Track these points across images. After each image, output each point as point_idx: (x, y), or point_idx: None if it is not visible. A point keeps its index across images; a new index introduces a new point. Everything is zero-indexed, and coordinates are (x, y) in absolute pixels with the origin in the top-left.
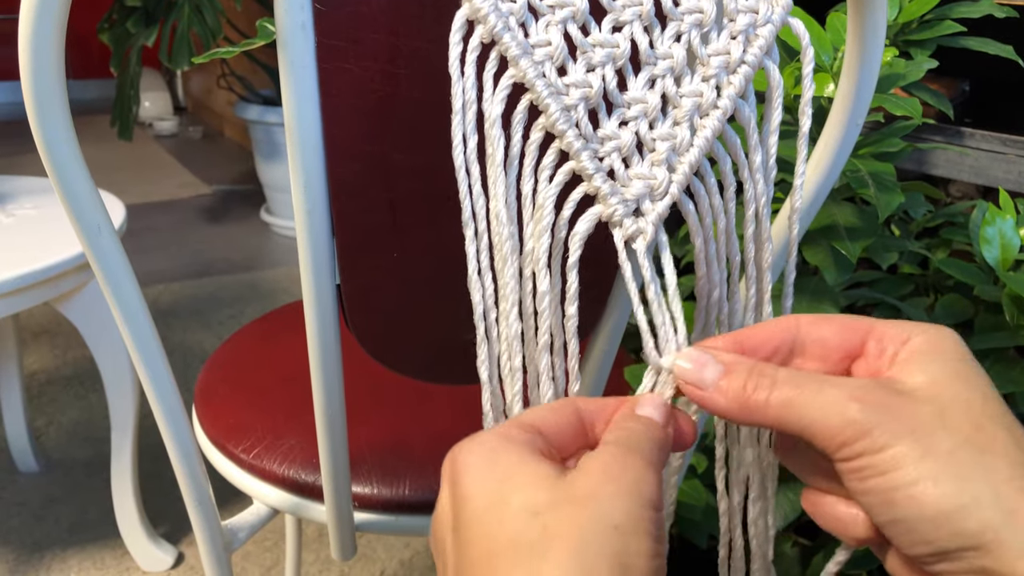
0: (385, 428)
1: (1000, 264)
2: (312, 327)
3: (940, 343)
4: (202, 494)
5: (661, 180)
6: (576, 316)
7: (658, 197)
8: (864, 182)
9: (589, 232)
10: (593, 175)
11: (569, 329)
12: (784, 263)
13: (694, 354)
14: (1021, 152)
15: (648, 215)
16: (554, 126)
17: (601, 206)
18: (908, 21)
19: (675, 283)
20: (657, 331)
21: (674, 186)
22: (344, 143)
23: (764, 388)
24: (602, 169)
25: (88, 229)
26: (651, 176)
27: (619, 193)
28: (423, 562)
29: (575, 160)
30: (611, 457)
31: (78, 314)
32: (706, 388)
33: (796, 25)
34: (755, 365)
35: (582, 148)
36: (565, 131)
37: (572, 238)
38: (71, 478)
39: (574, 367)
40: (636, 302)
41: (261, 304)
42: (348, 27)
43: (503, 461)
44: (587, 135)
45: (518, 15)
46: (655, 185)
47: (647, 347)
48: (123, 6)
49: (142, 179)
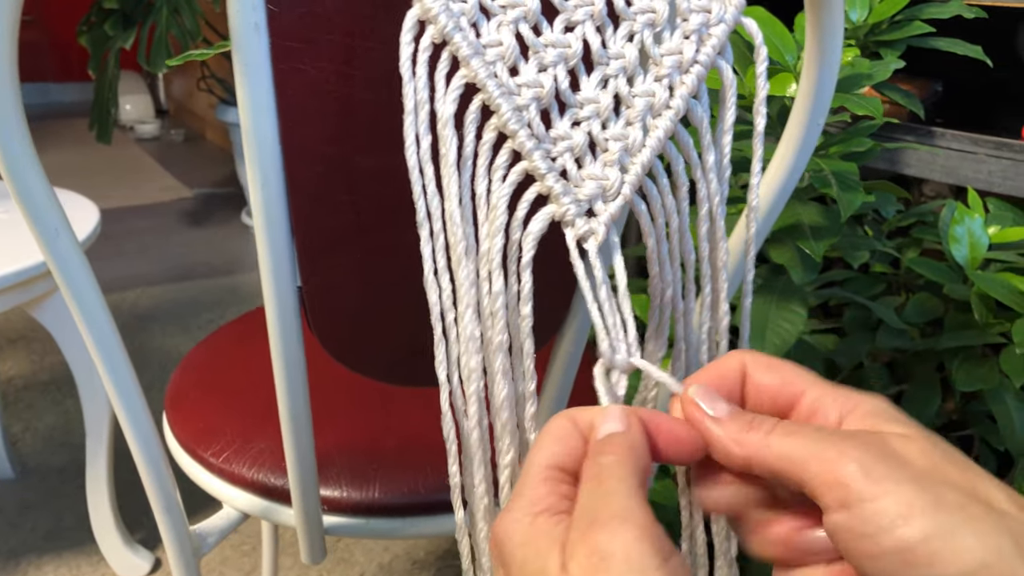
0: (355, 430)
1: (969, 263)
2: (274, 330)
3: (885, 413)
4: (169, 499)
5: (613, 181)
6: (531, 316)
7: (610, 198)
8: (828, 181)
9: (542, 232)
10: (546, 175)
11: (524, 329)
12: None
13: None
14: (991, 151)
15: (600, 216)
16: (506, 126)
17: (554, 206)
18: (878, 22)
19: (625, 283)
20: (608, 331)
21: (626, 187)
22: (301, 144)
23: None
24: (555, 169)
25: (45, 232)
26: (603, 177)
27: (572, 193)
28: (402, 566)
29: (528, 160)
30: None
31: (51, 319)
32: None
33: (749, 25)
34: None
35: (534, 148)
36: (517, 131)
37: (525, 238)
38: (47, 484)
39: (529, 367)
40: (590, 302)
41: (241, 308)
42: (302, 28)
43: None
44: (539, 135)
45: (469, 15)
46: (607, 186)
47: (601, 346)
48: (101, 8)
49: (123, 183)
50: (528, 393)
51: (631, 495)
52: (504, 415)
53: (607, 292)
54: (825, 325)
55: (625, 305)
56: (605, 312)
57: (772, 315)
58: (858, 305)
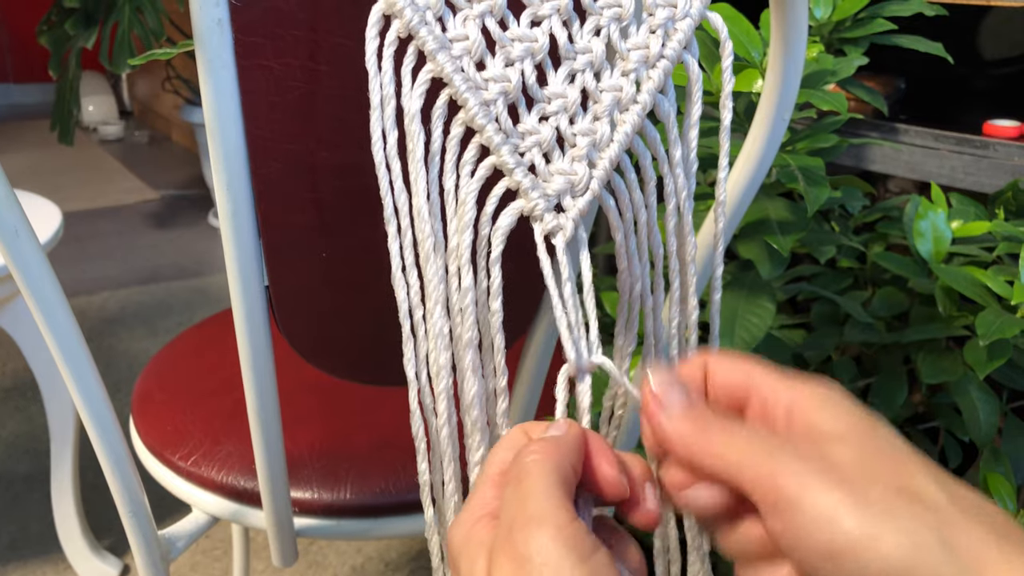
0: (326, 431)
1: (933, 257)
2: (242, 330)
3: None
4: (136, 504)
5: (582, 176)
6: (500, 312)
7: (579, 193)
8: (794, 176)
9: (511, 227)
10: (514, 169)
11: (494, 325)
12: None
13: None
14: (953, 147)
15: (569, 211)
16: (473, 120)
17: (523, 201)
18: (841, 19)
19: (590, 280)
20: (571, 328)
21: (595, 182)
22: (267, 142)
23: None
24: (523, 164)
25: (5, 234)
26: (572, 172)
27: (540, 188)
28: (375, 568)
29: (495, 155)
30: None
31: (12, 323)
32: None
33: (714, 19)
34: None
35: (502, 143)
36: (485, 125)
37: (495, 233)
38: (11, 492)
39: (500, 362)
40: (555, 298)
41: (210, 310)
42: (266, 23)
43: None
44: (507, 130)
45: (435, 9)
46: (576, 181)
47: (564, 345)
48: (62, 8)
49: (88, 185)
50: (499, 389)
51: (549, 495)
52: (474, 412)
53: (572, 289)
54: (793, 320)
55: (589, 302)
56: (569, 310)
57: (741, 310)
58: (826, 300)
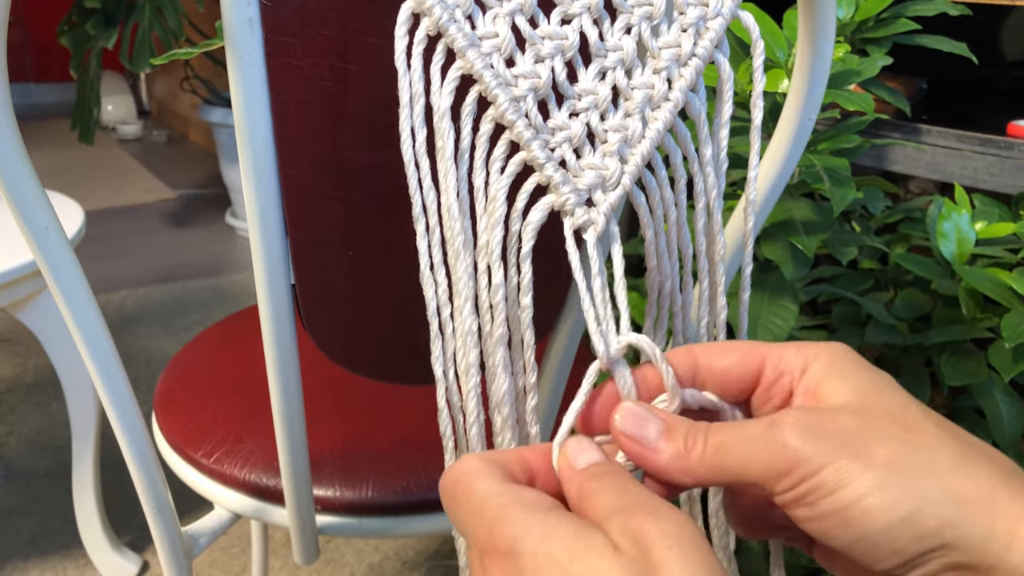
0: (348, 430)
1: (956, 258)
2: (268, 329)
3: (841, 363)
4: (160, 501)
5: (613, 171)
6: (531, 307)
7: (610, 188)
8: (819, 177)
9: (542, 222)
10: (544, 164)
11: (524, 321)
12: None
13: (635, 409)
14: (976, 148)
15: (600, 206)
16: (503, 116)
17: (553, 196)
18: (864, 19)
19: (622, 272)
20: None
21: (626, 177)
22: (295, 141)
23: (699, 442)
24: (553, 159)
25: (35, 231)
26: (603, 166)
27: (571, 182)
28: (392, 566)
29: (526, 150)
30: None
31: (36, 320)
32: (647, 445)
33: (746, 18)
34: (692, 425)
35: (532, 138)
36: (515, 121)
37: (525, 228)
38: (32, 488)
39: (530, 359)
40: (583, 291)
41: (227, 309)
42: (296, 23)
43: None
44: (537, 125)
45: (464, 7)
46: (607, 175)
47: (592, 336)
48: (82, 8)
49: (106, 184)
50: (529, 386)
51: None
52: (505, 409)
53: (602, 283)
54: (815, 321)
55: (621, 295)
56: (598, 304)
57: (763, 311)
58: (847, 301)
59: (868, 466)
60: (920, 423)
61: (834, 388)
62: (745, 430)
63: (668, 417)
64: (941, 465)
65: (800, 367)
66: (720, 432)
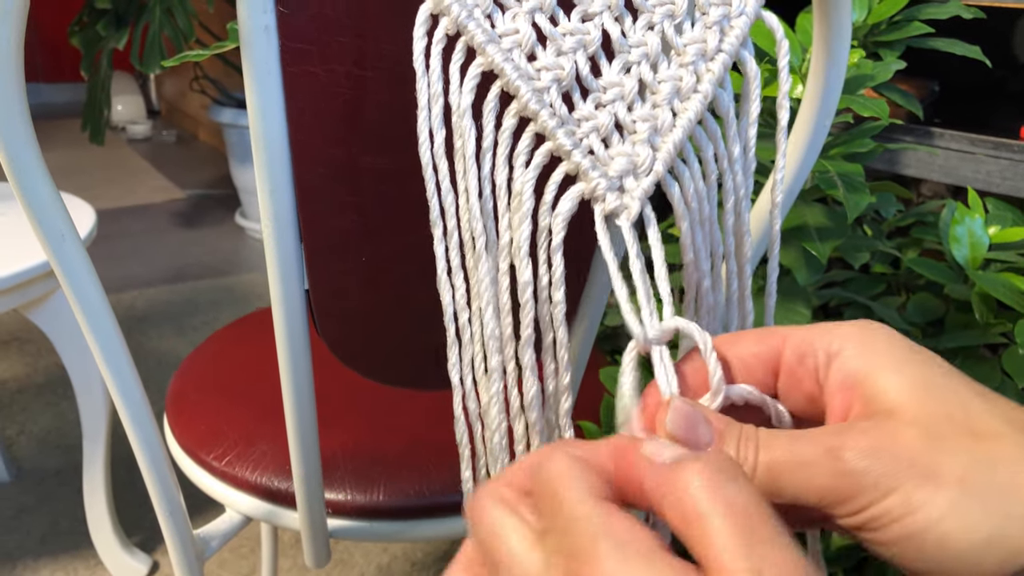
0: (359, 434)
1: (969, 263)
2: (281, 333)
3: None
4: (173, 503)
5: (645, 157)
6: (563, 302)
7: (643, 174)
8: (833, 183)
9: (573, 211)
10: (572, 152)
11: (557, 317)
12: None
13: (685, 409)
14: (989, 152)
15: (633, 191)
16: (527, 108)
17: (583, 183)
18: (877, 22)
19: (663, 258)
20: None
21: (659, 163)
22: (311, 147)
23: (751, 456)
24: (581, 147)
25: (51, 236)
26: (634, 153)
27: (600, 168)
28: (401, 567)
29: (551, 139)
30: None
31: (47, 321)
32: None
33: (769, 19)
34: (743, 430)
35: (558, 126)
36: (539, 111)
37: (555, 219)
38: (43, 487)
39: (563, 358)
40: (615, 276)
41: (236, 309)
42: (313, 30)
43: None
44: (562, 116)
45: (484, 7)
46: (639, 161)
47: (628, 321)
48: (93, 9)
49: (116, 184)
50: (563, 388)
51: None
52: (533, 414)
53: (641, 267)
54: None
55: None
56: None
57: (776, 315)
58: (859, 305)
59: (939, 487)
60: (987, 424)
61: (882, 385)
62: (798, 452)
63: (718, 421)
64: (1018, 476)
65: (827, 349)
66: (771, 448)
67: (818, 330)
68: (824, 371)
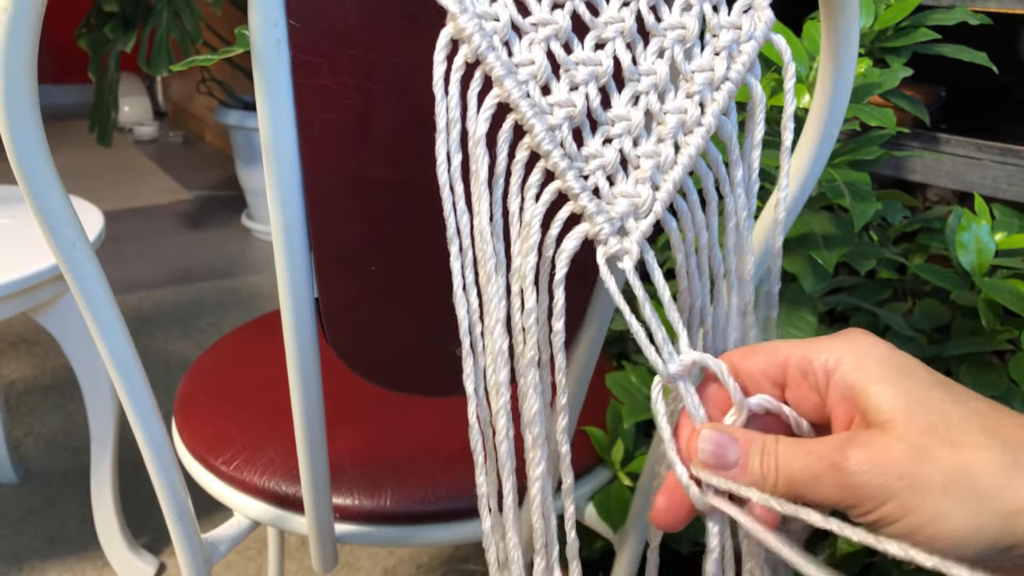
0: (366, 439)
1: (976, 269)
2: (290, 340)
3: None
4: (181, 507)
5: (645, 198)
6: (563, 332)
7: (642, 215)
8: (840, 191)
9: (576, 250)
10: (579, 195)
11: (556, 344)
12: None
13: (715, 436)
14: (996, 157)
15: (632, 234)
16: (539, 146)
17: (587, 224)
18: (883, 28)
19: (669, 298)
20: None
21: (658, 204)
22: (321, 158)
23: (772, 471)
24: (587, 188)
25: (62, 243)
26: (635, 194)
27: (604, 212)
28: (407, 571)
29: (561, 180)
30: None
31: (56, 324)
32: (729, 469)
33: (778, 42)
34: (764, 444)
35: (567, 168)
36: (551, 151)
37: (559, 256)
38: (50, 489)
39: (561, 381)
40: (629, 318)
41: (242, 311)
42: (323, 43)
43: None
44: (571, 154)
45: (502, 34)
46: (639, 203)
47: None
48: (101, 11)
49: (122, 185)
50: (559, 407)
51: None
52: (536, 429)
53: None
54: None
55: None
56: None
57: (782, 323)
58: (865, 311)
59: (926, 495)
60: (965, 435)
61: (875, 398)
62: (810, 465)
63: (743, 438)
64: (993, 484)
65: (824, 366)
66: (788, 463)
67: (815, 346)
68: (824, 385)
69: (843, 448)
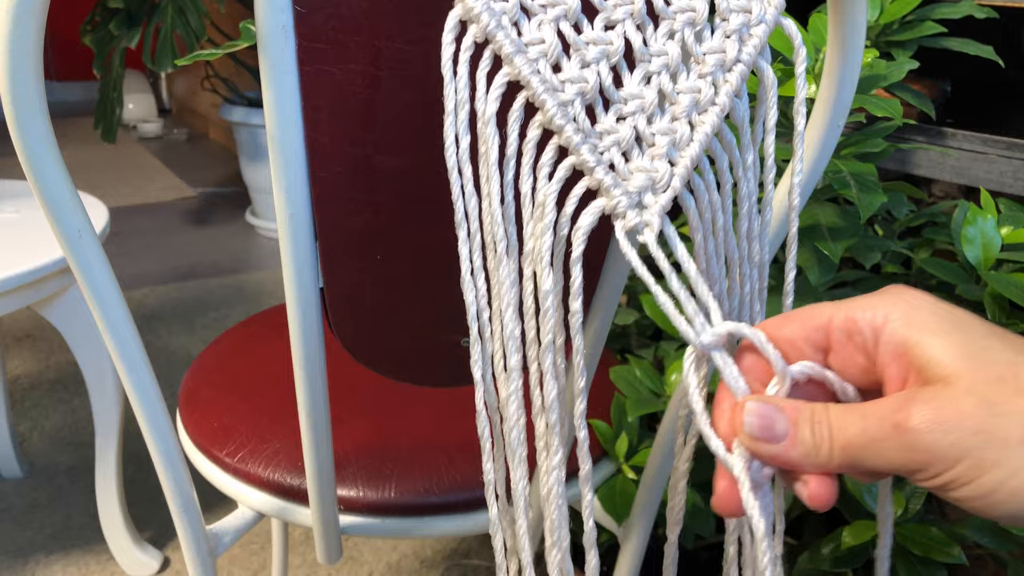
0: (370, 430)
1: (982, 263)
2: (295, 331)
3: (926, 318)
4: (186, 499)
5: (663, 172)
6: (580, 312)
7: (660, 189)
8: (846, 183)
9: (593, 226)
10: (595, 168)
11: (574, 325)
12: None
13: (761, 409)
14: (1002, 152)
15: (652, 207)
16: (552, 122)
17: (603, 199)
18: (889, 22)
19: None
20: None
21: (676, 179)
22: (327, 147)
23: (826, 440)
24: (603, 162)
25: (69, 234)
26: (653, 169)
27: (621, 185)
28: (410, 564)
29: (575, 154)
30: None
31: (61, 318)
32: (778, 442)
33: (788, 26)
34: (813, 412)
35: (582, 142)
36: (563, 126)
37: (575, 232)
38: (55, 483)
39: (579, 363)
40: (657, 291)
41: (246, 307)
42: (329, 29)
43: None
44: (585, 130)
45: (511, 14)
46: (657, 178)
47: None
48: (106, 8)
49: (126, 182)
50: (578, 391)
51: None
52: (553, 416)
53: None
54: None
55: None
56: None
57: None
58: None
59: (1005, 448)
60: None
61: (931, 352)
62: (869, 429)
63: (790, 408)
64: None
65: (871, 323)
66: (844, 430)
67: (859, 304)
68: (873, 344)
69: (905, 407)
